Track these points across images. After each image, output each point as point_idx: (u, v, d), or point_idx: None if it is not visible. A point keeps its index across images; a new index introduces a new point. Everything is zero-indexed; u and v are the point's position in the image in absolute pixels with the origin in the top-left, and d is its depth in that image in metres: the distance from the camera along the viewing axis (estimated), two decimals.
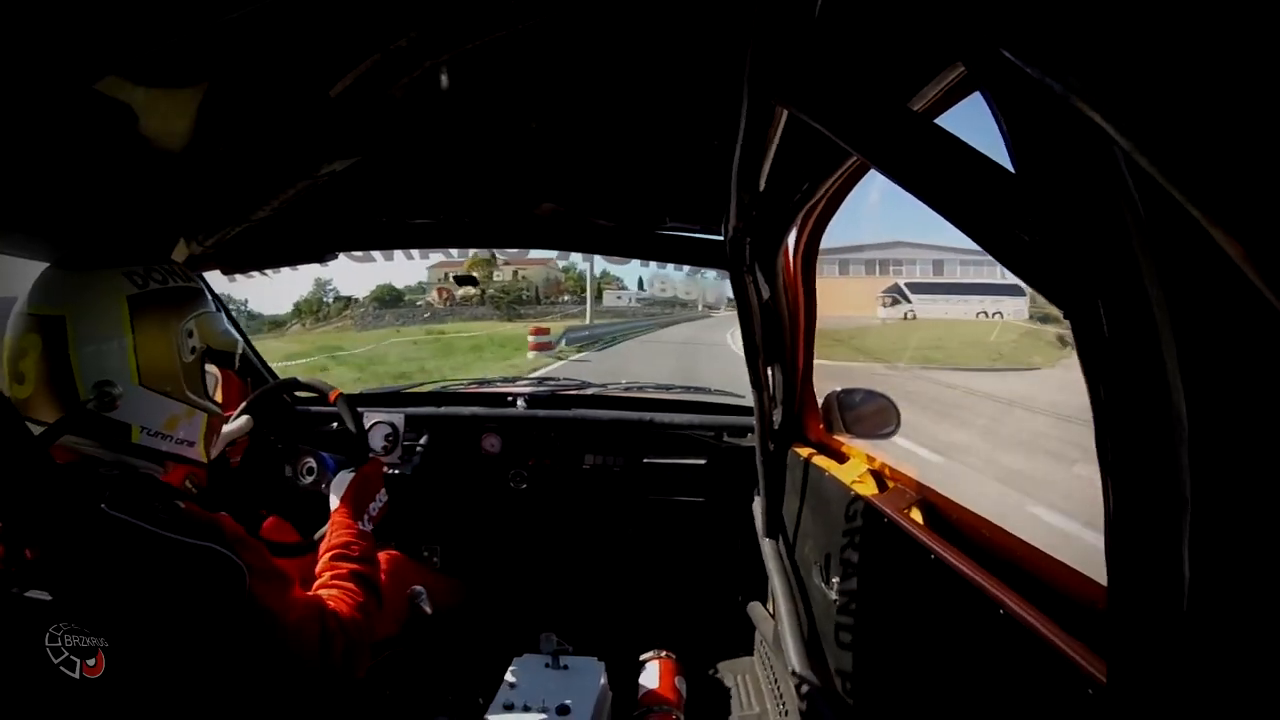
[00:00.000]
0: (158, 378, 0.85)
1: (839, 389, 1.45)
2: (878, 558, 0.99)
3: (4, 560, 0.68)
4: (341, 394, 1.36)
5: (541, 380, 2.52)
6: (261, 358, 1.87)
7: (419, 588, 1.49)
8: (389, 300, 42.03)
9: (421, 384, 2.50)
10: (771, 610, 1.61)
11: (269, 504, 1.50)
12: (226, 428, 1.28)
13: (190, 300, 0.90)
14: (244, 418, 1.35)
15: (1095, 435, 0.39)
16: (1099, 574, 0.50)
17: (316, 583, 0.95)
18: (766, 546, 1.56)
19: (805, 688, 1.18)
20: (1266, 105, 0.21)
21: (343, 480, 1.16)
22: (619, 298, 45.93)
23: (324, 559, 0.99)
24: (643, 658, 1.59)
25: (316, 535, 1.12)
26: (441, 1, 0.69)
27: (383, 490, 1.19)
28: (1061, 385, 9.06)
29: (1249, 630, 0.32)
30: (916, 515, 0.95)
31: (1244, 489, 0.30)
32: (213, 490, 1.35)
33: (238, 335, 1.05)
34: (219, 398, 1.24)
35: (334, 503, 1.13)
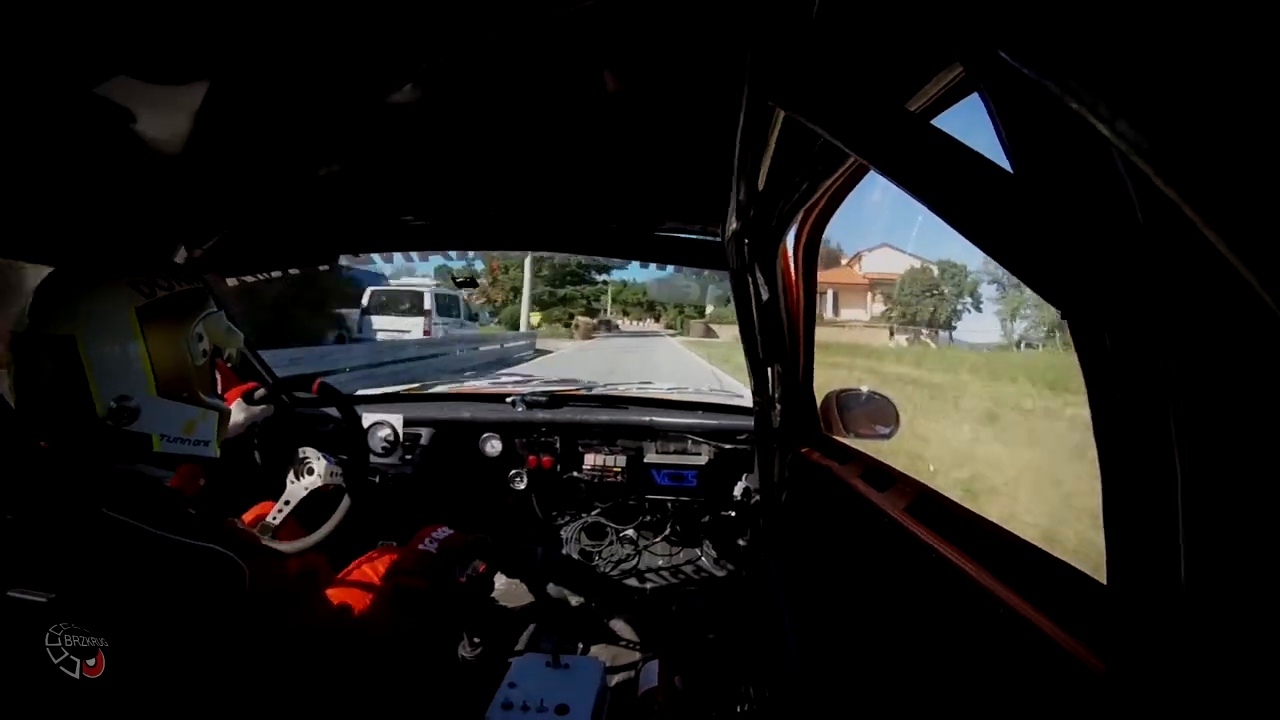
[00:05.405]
0: (174, 385, 0.85)
1: (839, 389, 1.45)
2: (878, 556, 0.99)
3: (6, 560, 0.68)
4: (323, 382, 1.36)
5: (542, 380, 2.53)
6: (260, 357, 1.86)
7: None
8: None
9: (420, 384, 2.50)
10: (772, 609, 1.61)
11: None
12: None
13: (197, 304, 0.90)
14: None
15: (1095, 432, 0.39)
16: (1097, 569, 0.51)
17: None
18: (767, 546, 1.56)
19: (805, 687, 1.18)
20: (1264, 105, 0.22)
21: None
22: None
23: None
24: (642, 658, 1.59)
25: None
26: (438, 2, 0.69)
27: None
28: None
29: (1247, 622, 0.32)
30: (917, 514, 0.95)
31: (1242, 484, 0.31)
32: (212, 488, 1.35)
33: (240, 333, 1.04)
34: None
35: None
